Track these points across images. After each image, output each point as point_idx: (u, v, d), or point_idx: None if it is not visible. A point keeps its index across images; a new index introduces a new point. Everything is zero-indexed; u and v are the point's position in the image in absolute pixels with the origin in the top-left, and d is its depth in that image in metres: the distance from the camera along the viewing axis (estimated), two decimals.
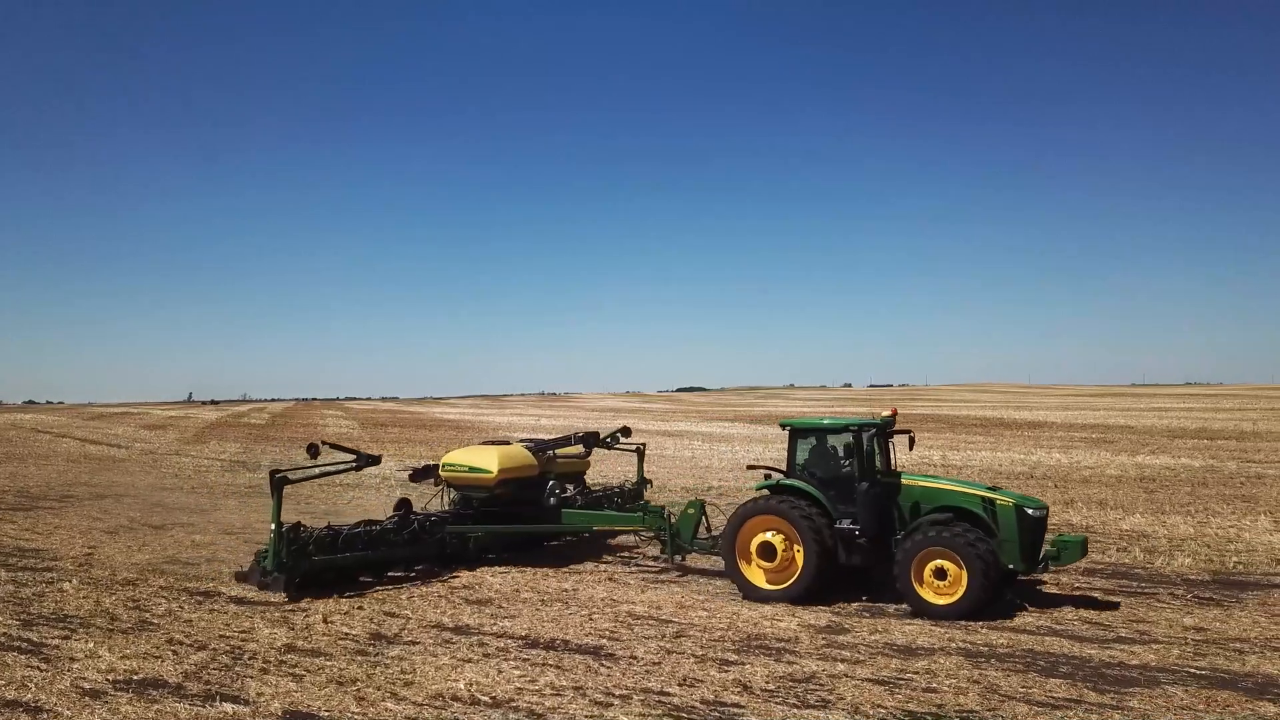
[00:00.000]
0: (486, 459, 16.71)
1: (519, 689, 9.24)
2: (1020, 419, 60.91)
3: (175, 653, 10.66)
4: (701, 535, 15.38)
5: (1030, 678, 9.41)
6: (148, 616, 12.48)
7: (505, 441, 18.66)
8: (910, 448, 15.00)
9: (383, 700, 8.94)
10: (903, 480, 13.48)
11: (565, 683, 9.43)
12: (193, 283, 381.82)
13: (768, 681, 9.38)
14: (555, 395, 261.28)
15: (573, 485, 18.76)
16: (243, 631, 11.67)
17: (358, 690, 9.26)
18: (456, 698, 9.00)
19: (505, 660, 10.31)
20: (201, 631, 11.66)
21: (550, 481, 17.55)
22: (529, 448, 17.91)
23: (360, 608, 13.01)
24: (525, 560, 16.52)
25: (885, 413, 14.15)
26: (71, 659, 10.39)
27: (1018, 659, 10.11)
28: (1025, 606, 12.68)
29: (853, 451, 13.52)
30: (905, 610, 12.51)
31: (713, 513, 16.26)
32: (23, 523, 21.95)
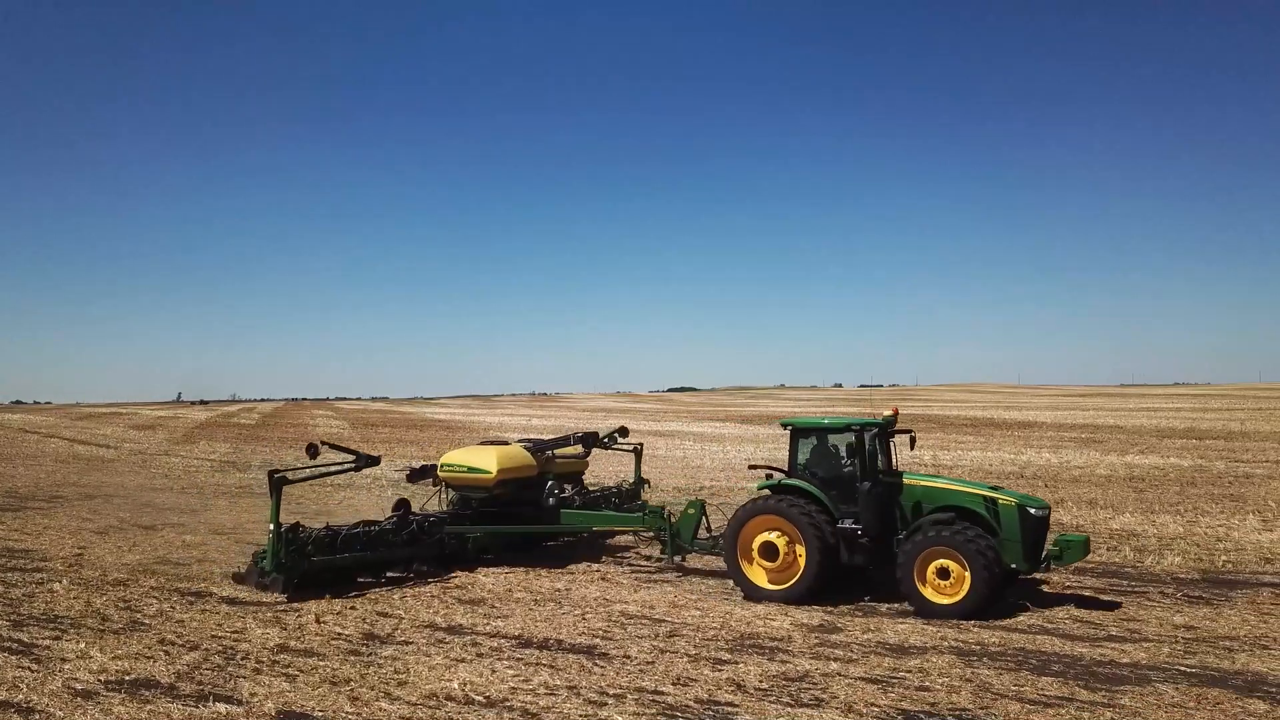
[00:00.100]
0: (485, 459, 16.69)
1: (513, 689, 9.24)
2: (1010, 419, 61.17)
3: (167, 653, 10.62)
4: (701, 535, 15.39)
5: (1022, 676, 9.46)
6: (139, 617, 12.43)
7: (504, 441, 18.62)
8: (911, 447, 15.05)
9: (377, 700, 8.93)
10: (904, 480, 13.48)
11: (559, 682, 9.43)
12: (181, 283, 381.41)
13: (761, 680, 9.40)
14: (546, 395, 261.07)
15: (571, 485, 18.75)
16: (235, 632, 11.64)
17: (351, 690, 9.24)
18: (450, 697, 8.99)
19: (499, 660, 10.30)
20: (193, 632, 11.62)
21: (549, 482, 17.55)
22: (528, 448, 17.89)
23: (353, 608, 12.98)
24: (518, 560, 16.51)
25: (887, 412, 14.18)
26: (63, 660, 10.33)
27: (1010, 657, 10.16)
28: (1021, 605, 12.73)
29: (855, 451, 13.54)
30: (897, 609, 12.57)
31: (711, 513, 16.26)
32: (11, 523, 21.81)
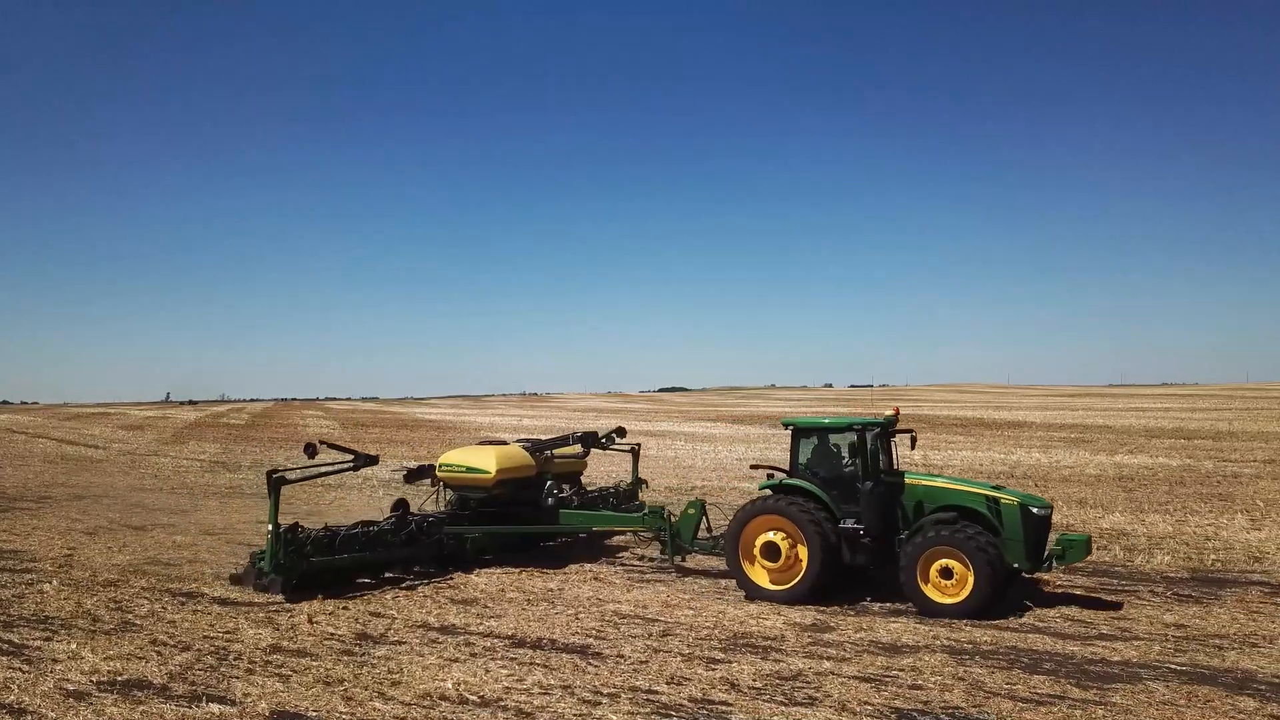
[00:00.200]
0: (484, 459, 16.65)
1: (507, 688, 9.24)
2: (1000, 419, 61.38)
3: (159, 654, 10.58)
4: (701, 535, 15.40)
5: (1014, 674, 9.51)
6: (130, 618, 12.37)
7: (502, 442, 18.58)
8: (912, 447, 15.06)
9: (370, 700, 8.92)
10: (906, 479, 13.47)
11: (553, 682, 9.44)
12: (178, 283, 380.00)
13: (755, 679, 9.42)
14: (537, 395, 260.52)
15: (569, 486, 18.75)
16: (227, 632, 11.60)
17: (345, 690, 9.23)
18: (444, 697, 8.98)
19: (492, 660, 10.30)
20: (185, 632, 11.57)
21: (548, 482, 17.53)
22: (527, 448, 17.85)
23: (346, 608, 12.95)
24: (511, 560, 16.50)
25: (888, 412, 14.19)
26: (54, 660, 10.28)
27: (1002, 656, 10.21)
28: (1017, 605, 12.77)
29: (856, 451, 13.54)
30: (890, 608, 12.61)
31: (711, 513, 16.27)
32: None
